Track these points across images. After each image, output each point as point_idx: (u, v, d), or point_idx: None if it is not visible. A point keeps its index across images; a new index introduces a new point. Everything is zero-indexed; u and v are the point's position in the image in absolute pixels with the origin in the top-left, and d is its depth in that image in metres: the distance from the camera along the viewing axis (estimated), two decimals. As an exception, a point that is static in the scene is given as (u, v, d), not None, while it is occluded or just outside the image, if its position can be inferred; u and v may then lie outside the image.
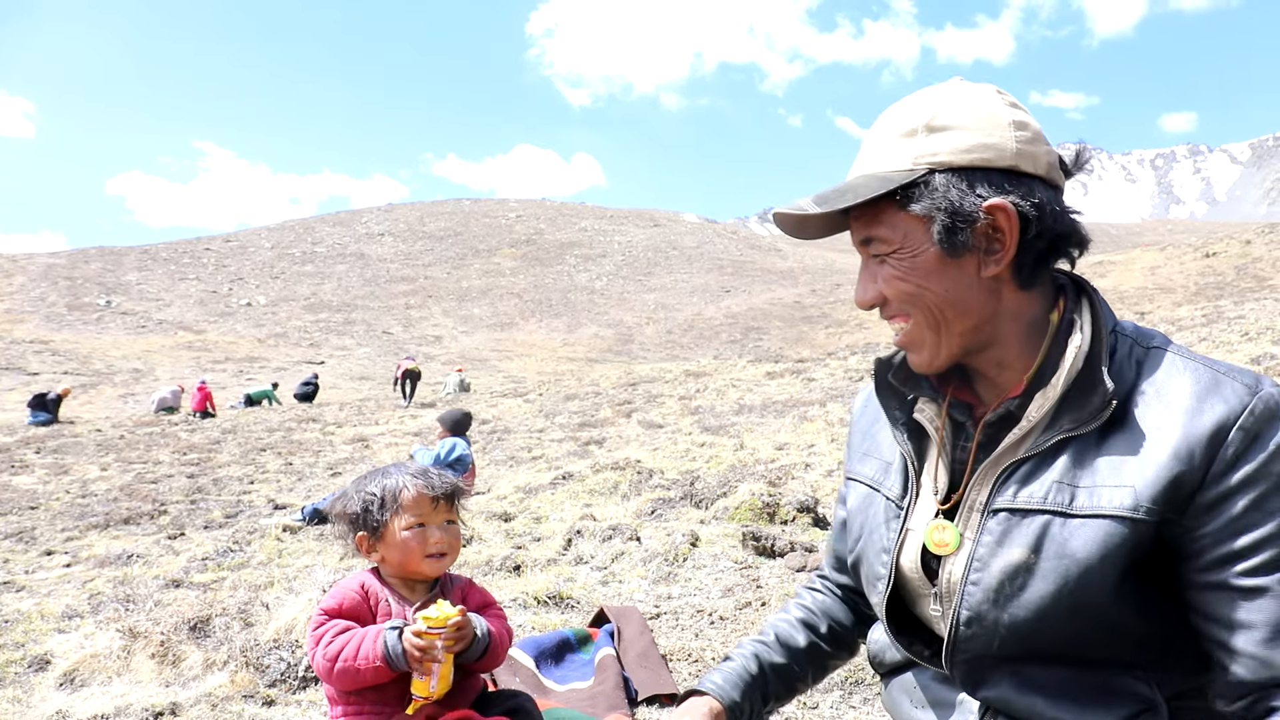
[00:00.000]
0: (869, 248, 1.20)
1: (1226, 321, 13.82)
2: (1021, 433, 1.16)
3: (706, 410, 12.66)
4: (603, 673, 2.65)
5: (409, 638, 1.75)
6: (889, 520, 1.31)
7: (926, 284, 1.16)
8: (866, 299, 1.23)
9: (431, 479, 1.96)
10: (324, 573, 4.58)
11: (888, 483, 1.35)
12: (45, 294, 52.90)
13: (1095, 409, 1.10)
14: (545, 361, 43.56)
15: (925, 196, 1.13)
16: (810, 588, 1.62)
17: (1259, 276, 32.76)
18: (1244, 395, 1.06)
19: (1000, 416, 1.20)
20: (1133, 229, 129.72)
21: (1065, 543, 1.09)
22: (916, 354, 1.22)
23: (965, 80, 1.20)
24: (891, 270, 1.17)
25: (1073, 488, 1.10)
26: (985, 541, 1.16)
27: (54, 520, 8.07)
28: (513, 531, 5.44)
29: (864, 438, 1.47)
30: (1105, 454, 1.10)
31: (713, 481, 5.99)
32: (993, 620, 1.14)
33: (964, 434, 1.27)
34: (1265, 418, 1.05)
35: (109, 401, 27.77)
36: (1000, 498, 1.16)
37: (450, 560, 1.95)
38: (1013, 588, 1.12)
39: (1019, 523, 1.13)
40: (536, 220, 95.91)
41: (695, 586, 3.80)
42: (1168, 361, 1.14)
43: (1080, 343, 1.14)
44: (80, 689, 2.99)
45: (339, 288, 65.51)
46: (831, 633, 1.52)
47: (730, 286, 66.23)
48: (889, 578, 1.28)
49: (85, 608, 4.28)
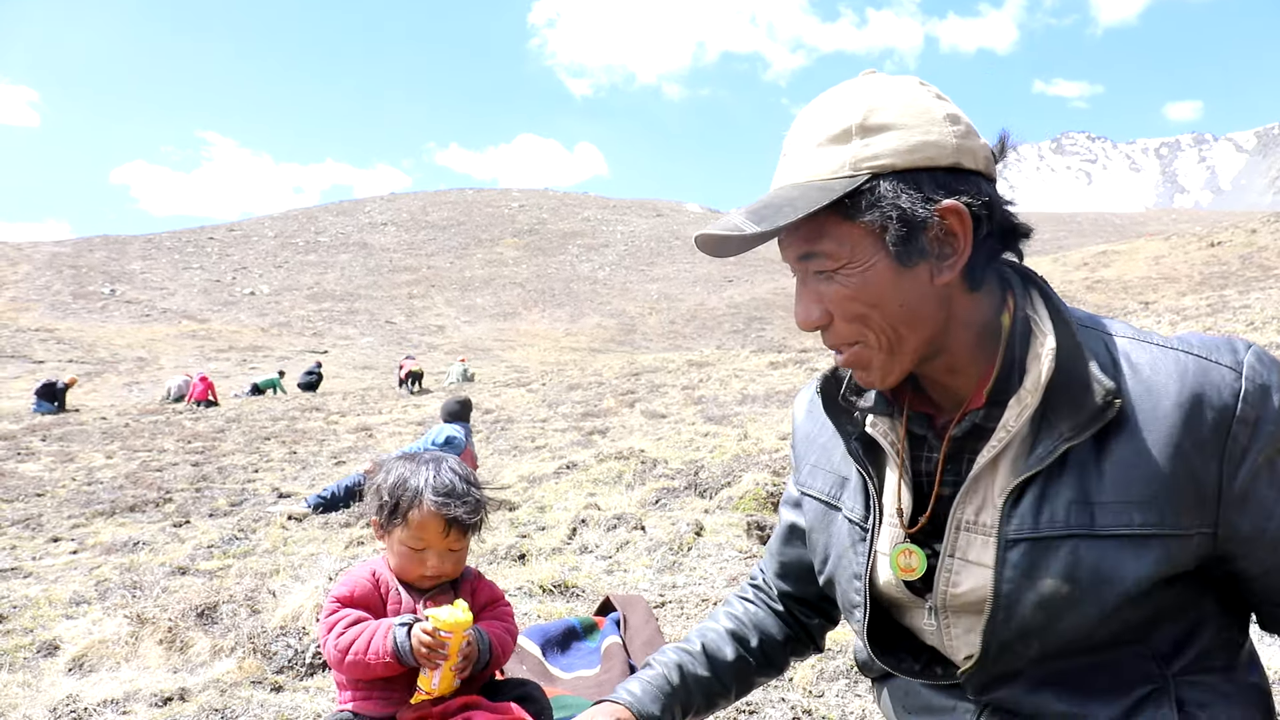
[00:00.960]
0: (809, 263, 1.10)
1: (1232, 311, 13.77)
2: (1000, 444, 1.09)
3: (710, 400, 12.67)
4: (609, 660, 2.66)
5: (418, 634, 1.75)
6: (855, 544, 1.25)
7: (880, 299, 1.07)
8: (813, 320, 1.11)
9: (451, 506, 1.84)
10: (330, 560, 4.59)
11: (848, 502, 1.28)
12: (50, 282, 52.98)
13: (1095, 410, 1.04)
14: (548, 351, 43.55)
15: (873, 205, 1.03)
16: (743, 596, 1.53)
17: (1264, 266, 32.63)
18: (1234, 380, 1.03)
19: (965, 431, 1.14)
20: (1137, 218, 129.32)
21: (1097, 567, 1.04)
22: (866, 373, 1.13)
23: (880, 73, 1.11)
24: (840, 287, 1.08)
25: (1090, 505, 1.04)
26: (1010, 577, 1.08)
27: (60, 507, 8.11)
28: (517, 520, 5.46)
29: (810, 446, 1.39)
30: (1111, 461, 1.04)
31: (717, 471, 6.00)
32: (1024, 648, 1.10)
33: (925, 445, 1.20)
34: (1260, 397, 1.02)
35: (114, 390, 27.85)
36: (1015, 525, 1.08)
37: (447, 580, 1.94)
38: (1048, 617, 1.06)
39: (1046, 551, 1.06)
40: (539, 210, 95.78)
41: (700, 575, 3.81)
42: (1143, 349, 1.09)
43: (1050, 343, 1.07)
44: (89, 674, 3.01)
45: (342, 277, 65.52)
46: (761, 649, 1.44)
47: (733, 276, 66.11)
48: (865, 605, 1.23)
49: (93, 594, 4.30)
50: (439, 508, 1.83)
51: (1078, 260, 42.38)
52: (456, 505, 1.84)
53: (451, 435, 7.39)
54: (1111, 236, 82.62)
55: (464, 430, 7.67)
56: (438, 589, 1.93)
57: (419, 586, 1.91)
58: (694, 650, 1.41)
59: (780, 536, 1.49)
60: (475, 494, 1.90)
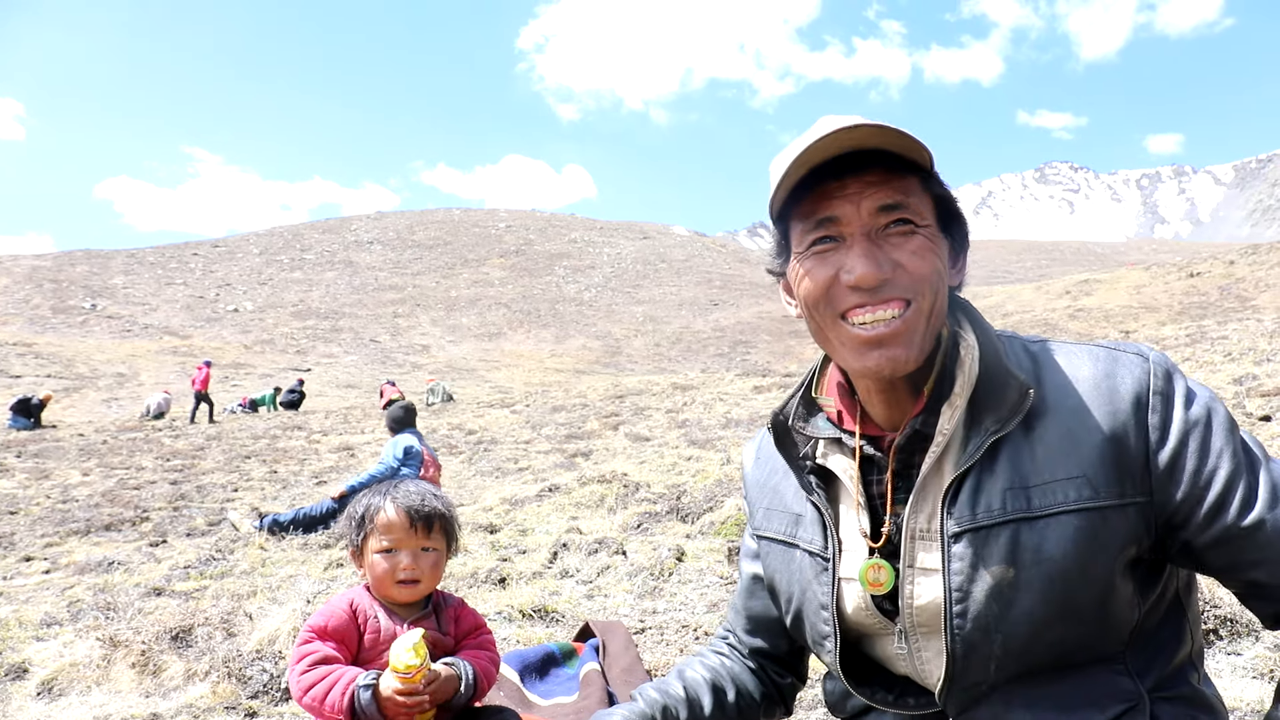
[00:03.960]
0: (892, 214, 1.09)
1: (1210, 341, 13.94)
2: (939, 449, 1.13)
3: (694, 423, 12.67)
4: (588, 688, 2.65)
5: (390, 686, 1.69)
6: (818, 575, 1.26)
7: (942, 267, 1.13)
8: (882, 271, 1.08)
9: (411, 500, 1.92)
10: (308, 583, 4.55)
11: (805, 536, 1.28)
12: (29, 296, 52.52)
13: (1014, 403, 1.10)
14: (533, 372, 43.48)
15: (941, 186, 1.14)
16: (716, 651, 1.52)
17: (1242, 296, 33.09)
18: (1142, 364, 1.12)
19: (908, 438, 1.17)
20: (1118, 248, 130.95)
21: (1039, 547, 1.07)
22: (903, 347, 1.10)
23: None
24: (924, 241, 1.10)
25: (1025, 489, 1.09)
26: (958, 569, 1.11)
27: (34, 526, 7.99)
28: (498, 544, 5.42)
29: (762, 492, 1.41)
30: (1040, 447, 1.10)
31: (699, 496, 5.99)
32: (987, 646, 1.11)
33: (874, 467, 1.22)
34: (1165, 377, 1.11)
35: (92, 406, 27.55)
36: (955, 520, 1.12)
37: (427, 587, 1.93)
38: (1001, 606, 1.09)
39: (986, 539, 1.09)
40: (526, 231, 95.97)
41: (680, 601, 3.80)
42: (1059, 349, 1.17)
43: (973, 347, 1.14)
44: (59, 698, 2.96)
45: (327, 295, 65.29)
46: (737, 705, 1.43)
47: (719, 300, 66.35)
48: (835, 634, 1.24)
49: (65, 615, 4.23)
50: (403, 502, 1.92)
51: (1060, 289, 42.83)
52: (416, 498, 1.94)
53: (408, 445, 7.33)
54: (1093, 265, 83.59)
55: (416, 436, 7.57)
56: (420, 614, 1.92)
57: (399, 601, 1.90)
58: (676, 694, 1.41)
59: (744, 591, 1.50)
60: (432, 490, 2.01)
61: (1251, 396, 8.29)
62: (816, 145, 1.06)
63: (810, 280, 1.13)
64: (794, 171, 1.09)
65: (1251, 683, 2.41)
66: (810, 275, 1.13)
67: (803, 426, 1.28)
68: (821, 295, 1.13)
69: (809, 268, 1.13)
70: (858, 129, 1.05)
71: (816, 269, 1.13)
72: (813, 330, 1.18)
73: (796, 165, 1.08)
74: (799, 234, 1.15)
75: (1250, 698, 2.30)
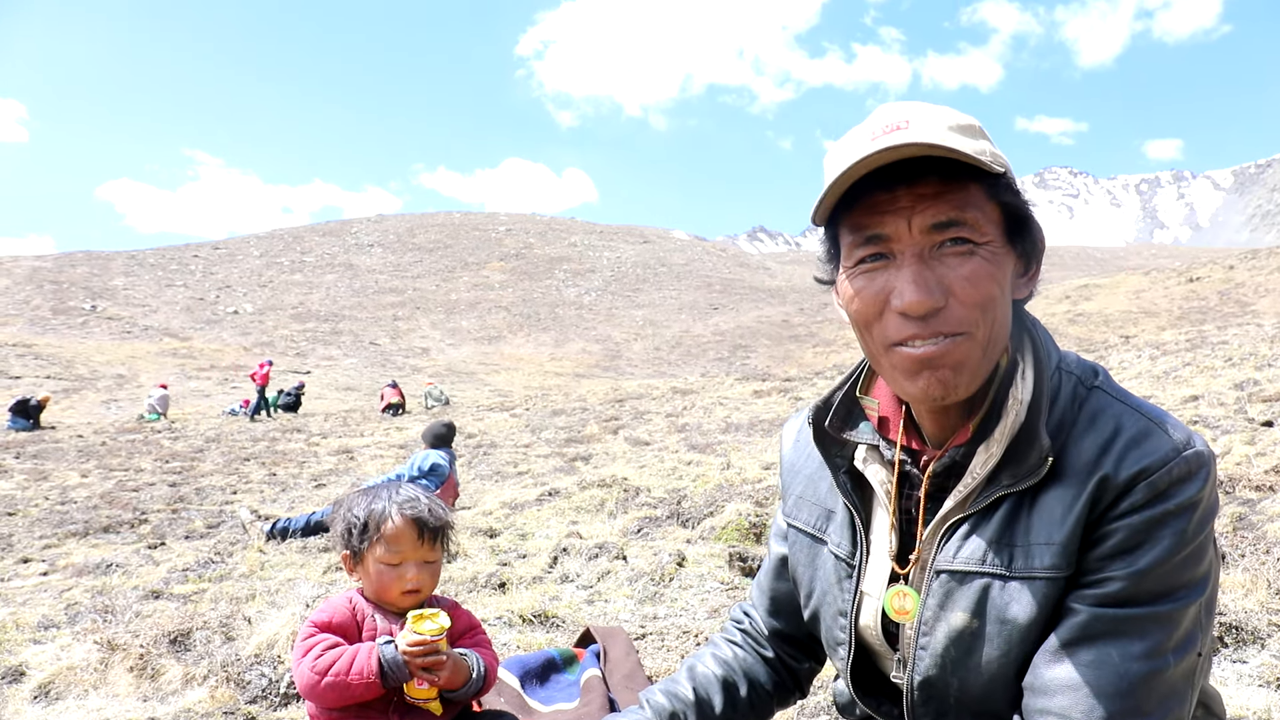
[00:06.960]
0: (947, 232, 1.00)
1: (1210, 346, 13.93)
2: (966, 490, 1.10)
3: (693, 428, 12.65)
4: (588, 694, 2.63)
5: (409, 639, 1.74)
6: (841, 580, 1.24)
7: (1004, 287, 1.03)
8: (933, 299, 0.99)
9: (420, 512, 1.91)
10: (308, 586, 4.52)
11: (834, 536, 1.26)
12: (30, 297, 52.50)
13: (1033, 466, 1.04)
14: (532, 376, 43.46)
15: (1010, 190, 1.02)
16: (730, 640, 1.49)
17: (1241, 301, 33.10)
18: (1168, 452, 1.00)
19: (945, 466, 1.13)
20: (1118, 253, 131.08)
21: (1005, 607, 1.05)
22: (953, 370, 1.03)
23: None
24: (983, 263, 1.00)
25: (1010, 547, 1.06)
26: (930, 605, 1.11)
27: (32, 527, 7.96)
28: (498, 548, 5.40)
29: (796, 477, 1.37)
30: (1040, 509, 1.05)
31: (699, 500, 5.98)
32: (944, 685, 1.11)
33: (909, 483, 1.19)
34: (1178, 478, 0.99)
35: (91, 407, 27.51)
36: (941, 558, 1.11)
37: (426, 594, 1.93)
38: (959, 652, 1.08)
39: (959, 586, 1.08)
40: (526, 234, 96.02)
41: (681, 607, 3.78)
42: (1107, 406, 1.07)
43: (1022, 395, 1.07)
44: (56, 702, 2.94)
45: (327, 298, 65.30)
46: (750, 700, 1.40)
47: (718, 304, 66.37)
48: (850, 643, 1.23)
49: (62, 618, 4.21)
50: (411, 513, 1.90)
51: (1060, 294, 42.84)
52: (425, 513, 1.92)
53: (436, 463, 7.28)
54: (1093, 270, 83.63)
55: (449, 457, 7.55)
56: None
57: (399, 606, 1.90)
58: (685, 697, 1.37)
59: (771, 571, 1.46)
60: (435, 501, 2.00)
61: (1253, 402, 8.27)
62: (862, 162, 0.98)
63: (860, 301, 1.06)
64: (839, 185, 1.02)
65: (1258, 691, 2.39)
66: (860, 296, 1.06)
67: (841, 426, 1.23)
68: (873, 319, 1.06)
69: (859, 287, 1.06)
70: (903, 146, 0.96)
71: (866, 289, 1.05)
72: (863, 348, 1.13)
73: (842, 180, 1.00)
74: (847, 247, 1.07)
75: (1257, 705, 2.28)
